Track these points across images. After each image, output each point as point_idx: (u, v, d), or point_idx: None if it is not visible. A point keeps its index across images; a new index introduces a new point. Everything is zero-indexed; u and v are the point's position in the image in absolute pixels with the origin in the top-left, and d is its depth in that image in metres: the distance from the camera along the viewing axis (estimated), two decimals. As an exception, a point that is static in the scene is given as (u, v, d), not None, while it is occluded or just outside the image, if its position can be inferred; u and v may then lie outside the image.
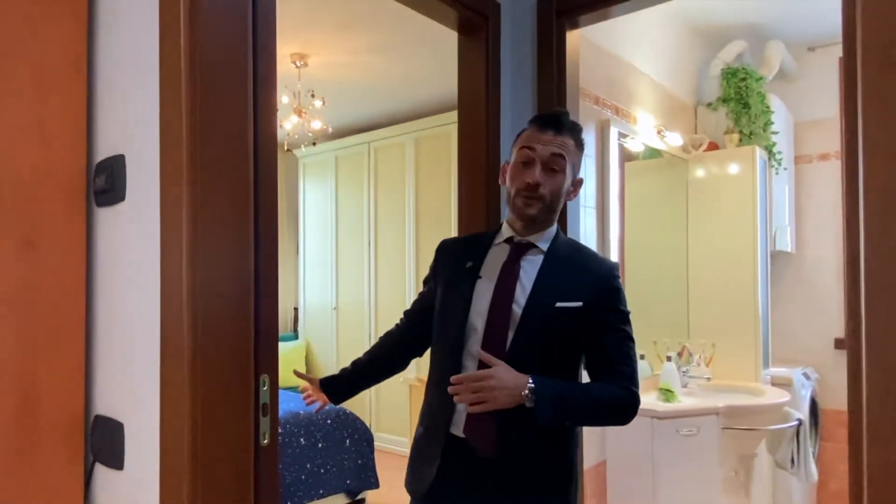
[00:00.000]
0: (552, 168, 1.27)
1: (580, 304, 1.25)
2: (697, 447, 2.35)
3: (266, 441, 0.98)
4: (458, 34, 1.91)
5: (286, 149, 4.26)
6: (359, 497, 3.27)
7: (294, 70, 3.61)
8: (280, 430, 1.04)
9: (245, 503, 0.94)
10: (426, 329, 1.45)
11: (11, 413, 0.96)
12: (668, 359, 2.62)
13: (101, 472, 1.04)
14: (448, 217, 4.20)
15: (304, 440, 3.03)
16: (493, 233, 1.41)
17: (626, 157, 2.69)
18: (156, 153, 0.94)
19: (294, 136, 4.02)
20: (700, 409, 2.39)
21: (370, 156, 4.81)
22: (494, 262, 1.34)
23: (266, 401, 0.98)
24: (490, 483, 1.25)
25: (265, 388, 0.98)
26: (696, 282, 3.07)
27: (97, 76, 1.08)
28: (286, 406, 3.15)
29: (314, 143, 4.35)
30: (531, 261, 1.31)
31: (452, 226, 4.10)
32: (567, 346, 1.29)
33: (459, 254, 1.40)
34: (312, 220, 5.27)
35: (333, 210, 5.08)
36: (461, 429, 1.27)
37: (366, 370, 1.54)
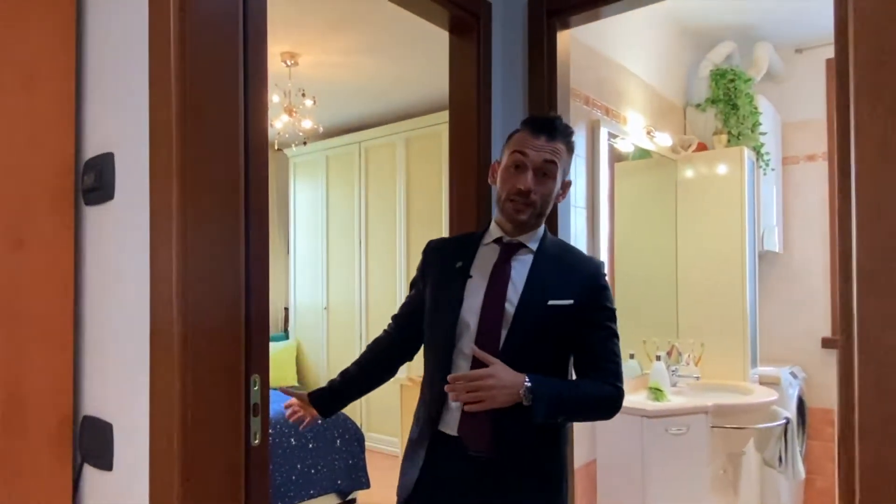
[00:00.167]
0: (543, 173, 1.28)
1: (571, 302, 1.27)
2: (687, 446, 2.37)
3: (257, 441, 0.97)
4: (450, 34, 1.91)
5: (276, 148, 4.23)
6: (350, 497, 3.27)
7: (284, 69, 3.60)
8: (270, 431, 1.03)
9: (235, 504, 0.93)
10: (416, 333, 1.45)
11: (-2, 414, 0.95)
12: (658, 358, 2.63)
13: (90, 474, 1.03)
14: (439, 217, 4.20)
15: (295, 440, 3.02)
16: (482, 233, 1.41)
17: (616, 158, 2.70)
18: (145, 151, 0.93)
19: (284, 136, 4.01)
20: (689, 408, 2.41)
21: (361, 155, 4.80)
22: (485, 262, 1.34)
23: (257, 401, 0.98)
24: (483, 481, 1.25)
25: (256, 389, 0.98)
26: (685, 281, 3.09)
27: (86, 74, 1.07)
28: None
29: (305, 143, 4.33)
30: (521, 260, 1.32)
31: (443, 225, 4.10)
32: (558, 344, 1.30)
33: (448, 254, 1.41)
34: (303, 220, 5.26)
35: (324, 210, 5.06)
36: (453, 427, 1.28)
37: (356, 380, 1.50)
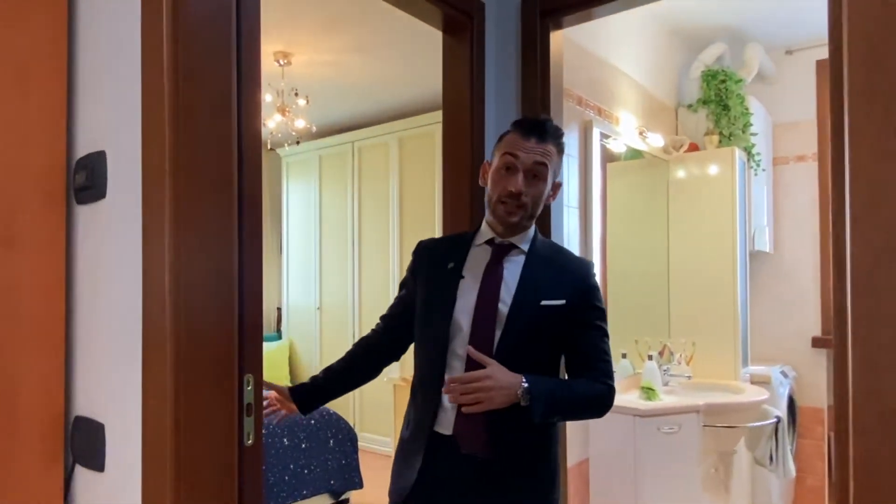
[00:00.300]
0: (534, 175, 1.29)
1: (563, 302, 1.28)
2: (678, 445, 2.38)
3: (250, 441, 0.97)
4: (443, 34, 1.91)
5: (269, 148, 4.22)
6: (343, 497, 3.26)
7: (277, 69, 3.59)
8: (263, 431, 1.02)
9: (229, 504, 0.93)
10: (404, 334, 1.45)
11: (-12, 414, 0.94)
12: (650, 357, 2.64)
13: (82, 474, 1.03)
14: (432, 217, 4.20)
15: (288, 440, 3.01)
16: (473, 233, 1.41)
17: (608, 158, 2.71)
18: (138, 150, 0.93)
19: (277, 135, 4.00)
20: (681, 408, 2.43)
21: (354, 155, 4.79)
22: (477, 263, 1.35)
23: (250, 401, 0.97)
24: (478, 481, 1.25)
25: (249, 388, 0.97)
26: (677, 281, 3.10)
27: (77, 72, 1.07)
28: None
29: (297, 143, 4.32)
30: (513, 261, 1.33)
31: (436, 225, 4.10)
32: (551, 343, 1.31)
33: (440, 255, 1.41)
34: (296, 220, 5.24)
35: (317, 209, 5.05)
36: (447, 427, 1.27)
37: (340, 378, 1.49)
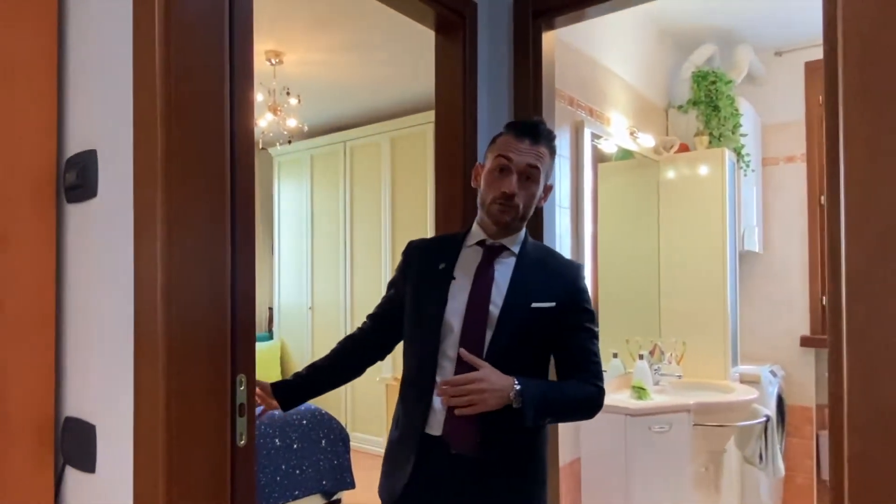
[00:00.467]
0: (527, 177, 1.30)
1: (553, 305, 1.29)
2: (669, 443, 2.39)
3: (243, 442, 0.97)
4: (436, 33, 1.91)
5: (261, 147, 4.21)
6: (334, 498, 3.25)
7: (269, 67, 3.57)
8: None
9: (221, 504, 0.93)
10: (391, 333, 1.45)
11: (-23, 416, 0.93)
12: (641, 357, 2.66)
13: (73, 476, 1.02)
14: (424, 216, 4.20)
15: (280, 441, 3.00)
16: (464, 234, 1.41)
17: (599, 158, 2.72)
18: (129, 148, 0.92)
19: (269, 135, 3.98)
20: (671, 407, 2.44)
21: (346, 155, 4.78)
22: (468, 264, 1.35)
23: (243, 401, 0.97)
24: (468, 481, 1.25)
25: (242, 389, 0.97)
26: (668, 281, 3.12)
27: (68, 70, 1.06)
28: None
29: (289, 142, 4.31)
30: (504, 263, 1.34)
31: (428, 225, 4.10)
32: (541, 345, 1.32)
33: (430, 255, 1.40)
34: (287, 220, 5.22)
35: (308, 209, 5.03)
36: (437, 428, 1.28)
37: (323, 375, 1.47)
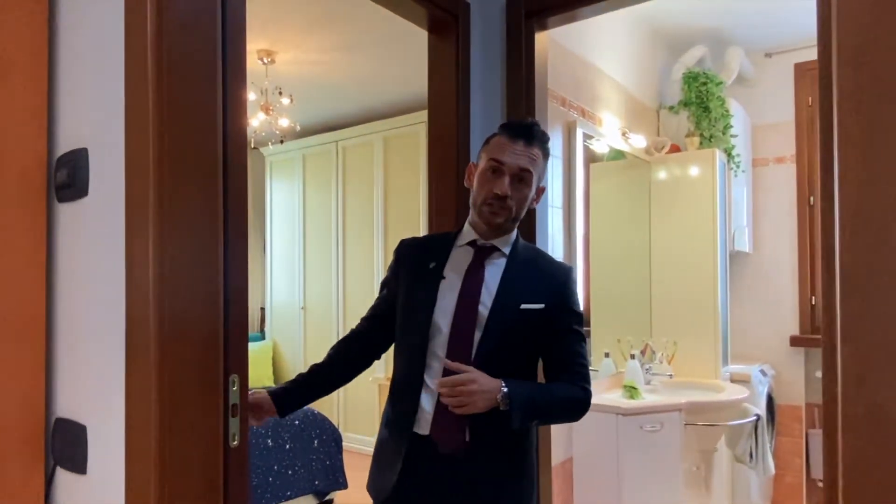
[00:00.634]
0: (520, 179, 1.30)
1: (542, 307, 1.29)
2: (660, 442, 2.41)
3: (236, 442, 0.96)
4: (429, 33, 1.91)
5: (253, 147, 4.19)
6: (327, 498, 3.25)
7: (261, 67, 3.56)
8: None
9: (214, 505, 0.92)
10: (386, 333, 1.44)
11: (-34, 417, 0.93)
12: (632, 357, 2.67)
13: (63, 477, 1.01)
14: (416, 216, 4.19)
15: (272, 441, 2.99)
16: (455, 234, 1.41)
17: (591, 159, 2.73)
18: (121, 147, 0.91)
19: (261, 134, 3.97)
20: (663, 406, 2.45)
21: (338, 154, 4.77)
22: (458, 264, 1.35)
23: (236, 401, 0.97)
24: (457, 481, 1.26)
25: (235, 389, 0.97)
26: (659, 281, 3.14)
27: (59, 68, 1.05)
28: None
29: (281, 141, 4.29)
30: (495, 263, 1.34)
31: (421, 225, 4.10)
32: (530, 347, 1.33)
33: (421, 254, 1.40)
34: (279, 219, 5.21)
35: (301, 209, 5.02)
36: (425, 427, 1.28)
37: (321, 378, 1.45)
